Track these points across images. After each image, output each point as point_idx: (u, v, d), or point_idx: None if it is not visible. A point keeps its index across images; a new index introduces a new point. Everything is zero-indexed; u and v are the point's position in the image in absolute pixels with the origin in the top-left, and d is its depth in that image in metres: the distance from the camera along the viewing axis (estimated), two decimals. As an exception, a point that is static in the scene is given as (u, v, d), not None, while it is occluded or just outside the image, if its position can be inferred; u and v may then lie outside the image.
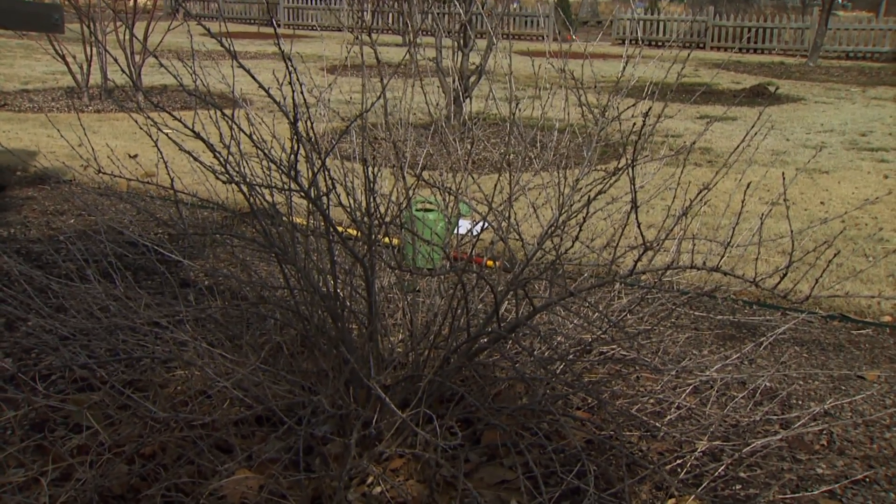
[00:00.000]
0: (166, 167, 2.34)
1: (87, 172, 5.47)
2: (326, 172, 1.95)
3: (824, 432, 2.64)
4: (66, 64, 9.04)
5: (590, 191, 2.21)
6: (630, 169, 1.75)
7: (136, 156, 6.02)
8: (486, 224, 2.47)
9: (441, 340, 2.45)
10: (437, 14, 7.86)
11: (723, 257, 1.92)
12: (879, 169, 6.94)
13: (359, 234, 2.31)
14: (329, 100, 2.54)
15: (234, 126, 2.07)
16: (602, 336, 2.50)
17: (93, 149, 2.76)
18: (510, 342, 2.59)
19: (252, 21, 27.27)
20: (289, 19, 27.38)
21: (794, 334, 3.48)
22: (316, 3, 27.36)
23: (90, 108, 9.00)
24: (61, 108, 9.02)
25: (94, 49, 9.22)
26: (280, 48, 1.78)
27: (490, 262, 3.61)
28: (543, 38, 22.49)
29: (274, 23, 2.18)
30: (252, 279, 2.64)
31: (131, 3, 9.50)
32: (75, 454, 2.17)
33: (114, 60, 2.41)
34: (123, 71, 2.17)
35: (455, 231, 2.83)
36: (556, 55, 2.93)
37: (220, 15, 28.44)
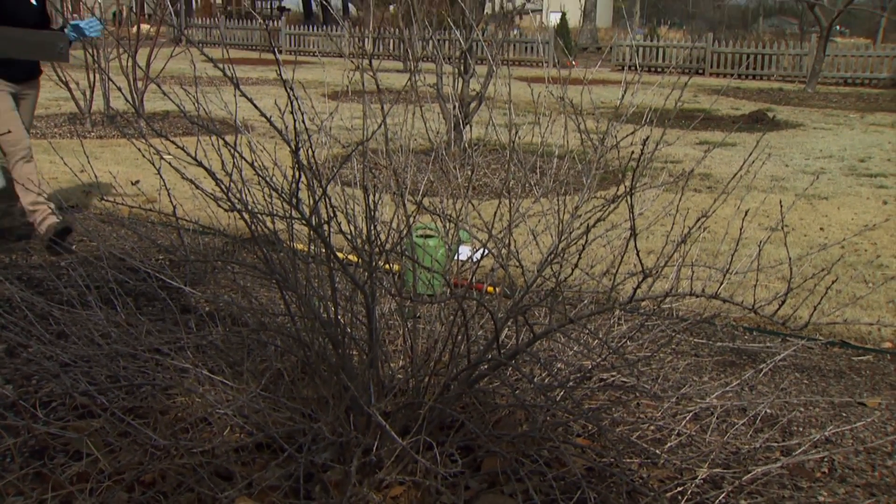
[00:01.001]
0: (168, 194, 2.36)
1: (89, 198, 5.49)
2: (327, 200, 1.97)
3: (825, 459, 2.64)
4: (69, 90, 9.10)
5: (589, 218, 2.22)
6: (629, 197, 1.76)
7: (137, 182, 6.04)
8: (487, 251, 2.48)
9: (441, 367, 2.45)
10: (438, 41, 7.92)
11: (721, 284, 1.93)
12: (878, 195, 6.96)
13: (359, 260, 2.32)
14: (330, 127, 2.56)
15: (236, 154, 2.09)
16: (602, 363, 2.51)
17: (95, 175, 2.77)
18: (510, 369, 2.59)
19: (254, 47, 27.44)
20: (290, 45, 27.56)
21: (794, 360, 3.48)
22: (317, 30, 27.56)
23: (93, 134, 9.05)
24: (64, 133, 9.07)
25: (97, 75, 9.29)
26: (281, 76, 1.80)
27: (490, 289, 3.62)
28: (543, 64, 22.63)
29: (275, 51, 2.21)
30: (253, 306, 2.65)
31: (134, 30, 9.58)
32: (75, 482, 2.17)
33: (117, 88, 2.44)
34: (126, 99, 2.18)
35: (455, 257, 2.84)
36: (555, 81, 2.96)
37: (223, 41, 28.66)
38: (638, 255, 1.70)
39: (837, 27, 43.03)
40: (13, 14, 4.39)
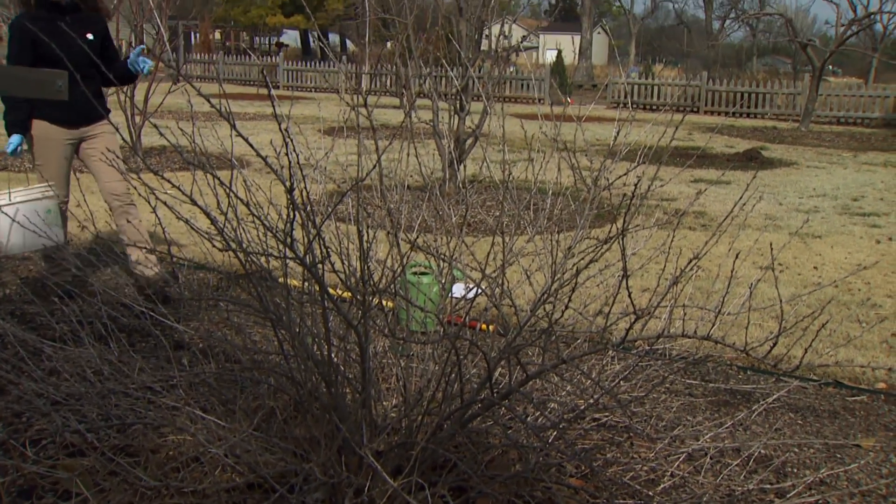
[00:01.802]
0: (163, 232, 2.36)
1: (85, 233, 5.50)
2: (321, 241, 1.98)
3: (820, 502, 2.62)
4: (67, 125, 9.11)
5: (581, 259, 2.23)
6: (621, 238, 1.77)
7: (133, 216, 6.05)
8: (480, 290, 2.49)
9: (434, 406, 2.44)
10: (434, 78, 7.99)
11: (714, 325, 1.94)
12: (871, 234, 7.00)
13: (353, 298, 2.32)
14: (326, 166, 2.58)
15: (231, 193, 2.10)
16: (596, 402, 2.50)
17: (90, 211, 2.78)
18: (503, 408, 2.59)
19: (252, 83, 27.64)
20: (288, 81, 27.77)
21: (788, 400, 3.47)
22: (315, 66, 27.78)
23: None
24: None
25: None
26: (276, 115, 1.81)
27: (484, 326, 3.61)
28: (539, 101, 22.80)
29: (270, 88, 2.23)
30: (246, 343, 2.64)
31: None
32: (64, 521, 2.15)
33: (115, 128, 2.45)
34: (124, 139, 2.19)
35: (449, 295, 2.84)
36: (550, 118, 2.98)
37: (219, 76, 28.85)
38: (630, 296, 1.70)
39: (830, 67, 43.52)
40: (63, 49, 4.03)
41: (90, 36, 4.33)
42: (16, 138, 4.20)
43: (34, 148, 4.27)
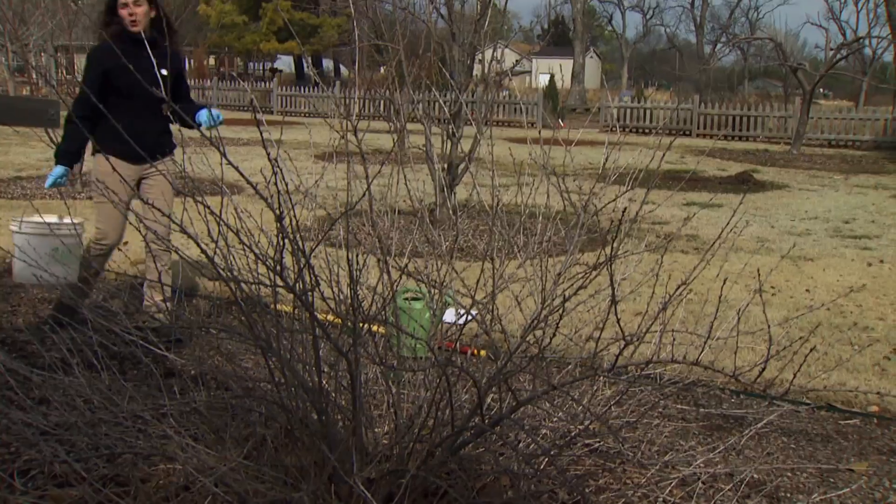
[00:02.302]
0: (154, 260, 2.36)
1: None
2: (311, 269, 1.98)
3: (812, 527, 2.62)
4: (60, 151, 9.14)
5: (572, 284, 2.24)
6: (609, 265, 1.78)
7: (126, 243, 6.05)
8: (471, 317, 2.49)
9: (425, 433, 2.44)
10: (427, 103, 8.03)
11: (702, 350, 1.94)
12: (863, 256, 7.02)
13: (343, 325, 2.32)
14: (315, 194, 2.59)
15: (221, 221, 2.11)
16: (587, 428, 2.50)
17: (81, 240, 2.78)
18: (495, 435, 2.58)
19: (246, 108, 27.71)
20: (281, 106, 27.87)
21: (781, 424, 3.47)
22: (308, 91, 27.90)
23: (82, 195, 9.07)
24: (53, 195, 9.09)
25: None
26: (265, 146, 1.82)
27: (477, 352, 3.61)
28: (532, 125, 22.90)
29: (258, 116, 2.24)
30: (236, 371, 2.64)
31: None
32: (52, 553, 2.13)
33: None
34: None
35: (441, 321, 2.85)
36: (543, 142, 3.00)
37: (213, 103, 28.94)
38: (619, 322, 1.71)
39: (821, 90, 43.85)
40: (136, 83, 3.78)
41: (164, 72, 4.17)
42: (59, 170, 4.09)
43: (94, 186, 4.15)
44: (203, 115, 4.14)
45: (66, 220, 4.17)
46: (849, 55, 25.26)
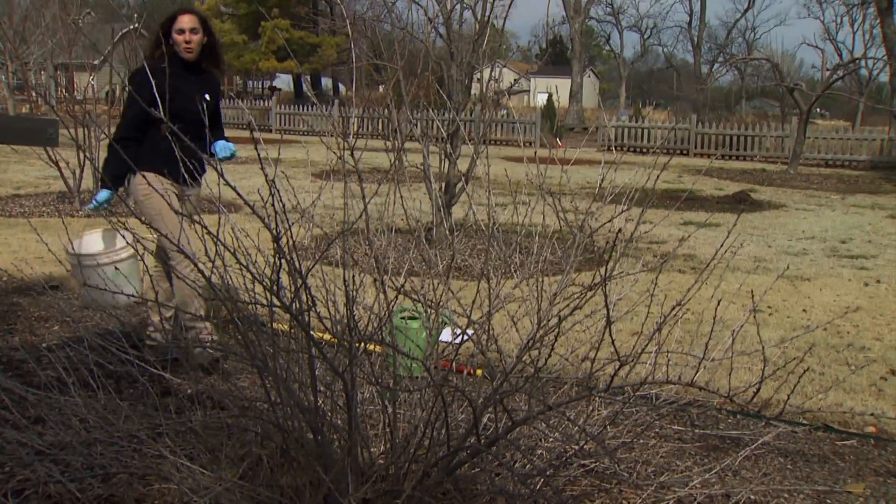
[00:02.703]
0: (151, 279, 2.37)
1: (74, 279, 5.48)
2: (307, 289, 1.99)
3: (809, 548, 2.61)
4: (59, 169, 9.17)
5: (567, 304, 2.24)
6: (604, 286, 1.78)
7: (123, 261, 6.06)
8: (467, 337, 2.49)
9: (422, 453, 2.43)
10: (426, 122, 8.06)
11: (697, 371, 1.94)
12: (859, 276, 7.03)
13: (340, 345, 2.33)
14: (313, 214, 2.60)
15: (218, 241, 2.11)
16: (583, 448, 2.50)
17: (80, 261, 2.78)
18: (490, 455, 2.58)
19: (245, 126, 27.78)
20: (280, 125, 27.96)
21: (778, 445, 3.46)
22: (306, 109, 28.01)
23: (80, 213, 9.08)
24: (52, 212, 9.10)
25: (88, 154, 9.37)
26: (262, 167, 1.83)
27: (472, 371, 3.61)
28: (530, 144, 22.98)
29: (255, 136, 2.25)
30: (232, 390, 2.64)
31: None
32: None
33: (93, 172, 2.47)
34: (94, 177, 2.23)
35: (438, 340, 2.85)
36: (540, 162, 3.01)
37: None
38: (613, 343, 1.71)
39: (818, 110, 44.06)
40: (182, 107, 3.77)
41: (207, 97, 4.23)
42: (105, 194, 4.00)
43: (145, 205, 3.98)
44: (218, 146, 4.17)
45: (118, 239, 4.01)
46: (845, 76, 25.37)
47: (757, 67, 47.53)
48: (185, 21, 4.11)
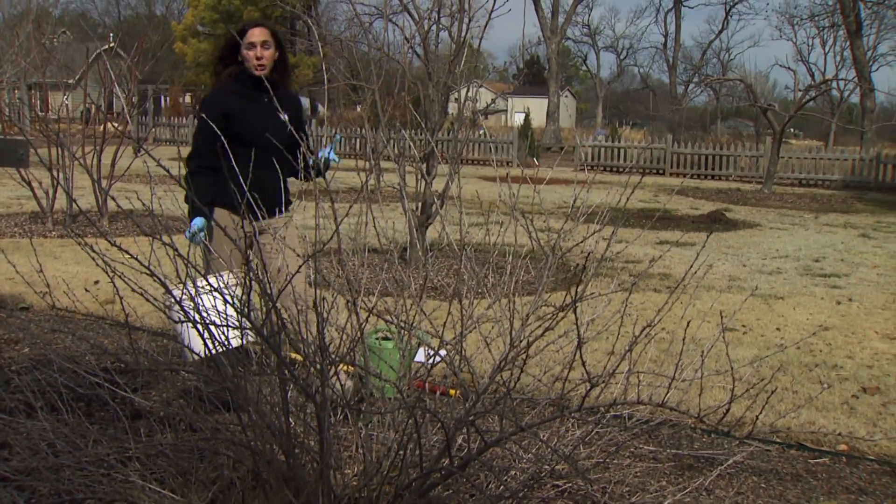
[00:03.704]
0: (121, 302, 2.35)
1: (46, 300, 5.43)
2: (277, 313, 1.98)
3: (782, 568, 2.61)
4: (32, 189, 9.09)
5: (539, 325, 2.24)
6: (574, 308, 1.79)
7: (97, 282, 6.00)
8: (440, 358, 2.49)
9: (394, 475, 2.42)
10: (402, 142, 8.07)
11: (668, 391, 1.95)
12: (832, 295, 7.10)
13: (311, 367, 2.31)
14: (284, 234, 2.59)
15: (188, 263, 2.10)
16: (556, 469, 2.49)
17: (47, 283, 2.76)
18: (464, 477, 2.57)
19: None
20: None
21: (752, 464, 3.47)
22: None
23: (53, 233, 9.01)
24: (24, 233, 9.01)
25: (61, 174, 9.30)
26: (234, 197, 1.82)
27: (449, 392, 3.60)
28: (508, 164, 23.06)
29: (219, 151, 2.25)
30: (198, 413, 2.61)
31: (101, 128, 9.67)
32: None
33: (67, 191, 2.45)
34: (77, 208, 2.17)
35: (410, 361, 2.84)
36: (515, 181, 3.02)
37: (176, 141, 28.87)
38: (584, 364, 1.72)
39: (792, 130, 44.57)
40: (257, 130, 3.59)
41: (285, 117, 3.74)
42: (199, 222, 3.56)
43: (215, 244, 3.58)
44: (330, 158, 3.79)
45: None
46: (817, 96, 25.72)
47: (732, 88, 48.06)
48: (256, 34, 3.79)
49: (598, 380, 1.91)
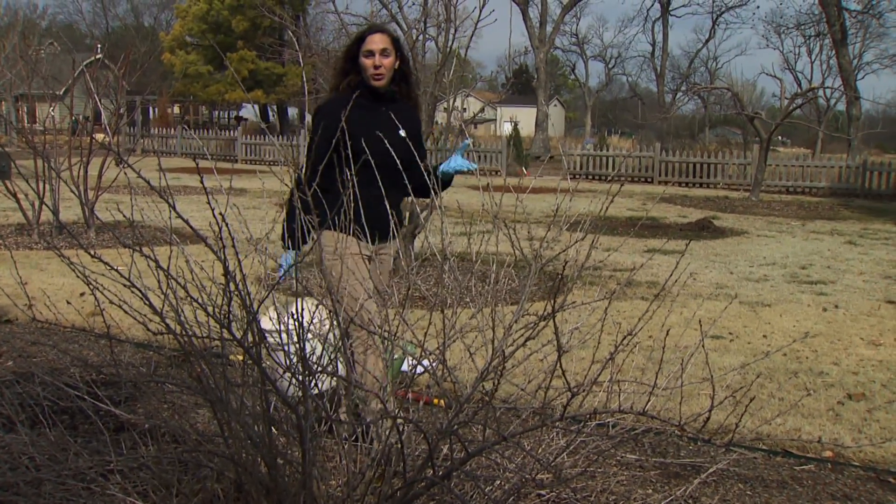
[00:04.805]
0: (102, 315, 2.34)
1: (31, 312, 5.40)
2: (257, 324, 1.97)
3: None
4: (17, 201, 9.05)
5: (522, 334, 2.24)
6: (553, 318, 1.79)
7: (83, 294, 5.98)
8: (423, 369, 2.48)
9: (378, 485, 2.42)
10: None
11: (649, 400, 1.95)
12: (818, 302, 7.13)
13: (293, 378, 2.31)
14: (266, 247, 2.59)
15: (169, 276, 2.10)
16: (538, 478, 2.49)
17: (28, 296, 2.75)
18: (446, 487, 2.56)
19: (209, 157, 27.70)
20: (246, 155, 27.89)
21: (738, 471, 3.48)
22: (269, 139, 27.99)
23: (39, 245, 8.97)
24: (9, 245, 8.97)
25: (47, 186, 9.26)
26: (211, 206, 1.82)
27: (429, 400, 3.59)
28: (496, 172, 23.10)
29: (198, 164, 2.25)
30: (182, 425, 2.60)
31: (87, 140, 9.64)
32: None
33: (50, 207, 2.45)
34: (58, 222, 2.17)
35: (393, 371, 2.84)
36: (505, 190, 3.02)
37: (156, 153, 28.87)
38: (564, 374, 1.72)
39: (779, 138, 44.81)
40: (372, 146, 3.28)
41: (402, 133, 3.50)
42: (290, 257, 3.37)
43: (326, 270, 3.16)
44: (458, 162, 3.56)
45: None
46: (804, 104, 25.88)
47: (719, 96, 48.36)
48: (376, 41, 3.47)
49: (578, 389, 1.91)
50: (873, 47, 60.35)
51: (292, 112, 47.99)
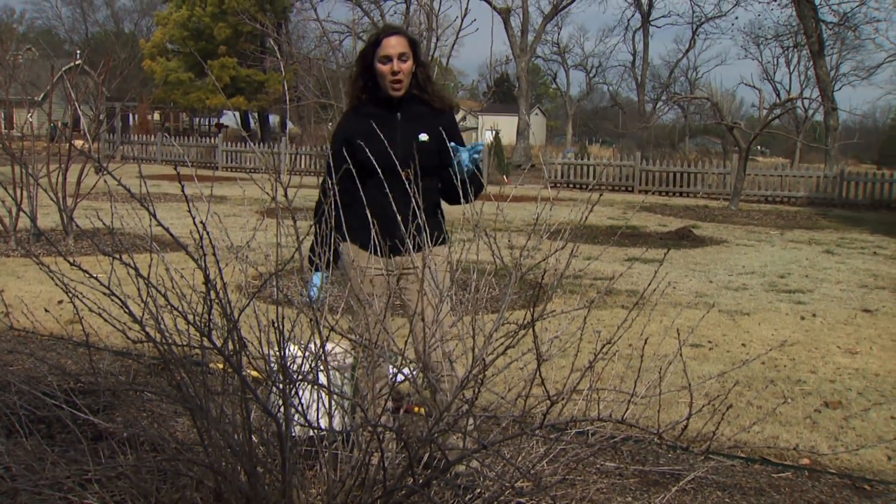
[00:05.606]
0: (81, 323, 2.33)
1: (8, 321, 5.36)
2: (238, 333, 1.97)
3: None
4: (-6, 208, 8.98)
5: (502, 343, 2.25)
6: (533, 326, 1.80)
7: (61, 302, 5.94)
8: (405, 377, 2.49)
9: (358, 493, 2.41)
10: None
11: (627, 408, 1.96)
12: (797, 310, 7.19)
13: (272, 387, 2.31)
14: (247, 254, 2.58)
15: (149, 284, 2.09)
16: (516, 486, 2.50)
17: (4, 303, 2.73)
18: (426, 496, 2.56)
19: (190, 164, 27.62)
20: (227, 162, 27.79)
21: (716, 479, 3.50)
22: (250, 146, 27.92)
23: (16, 252, 8.89)
24: (-12, 252, 8.90)
25: (25, 192, 9.19)
26: (192, 214, 1.82)
27: (410, 408, 3.60)
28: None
29: (178, 171, 2.24)
30: (161, 434, 2.59)
31: (66, 146, 9.58)
32: None
33: (27, 213, 2.43)
34: (36, 229, 2.15)
35: (376, 379, 2.83)
36: (485, 198, 3.03)
37: (136, 159, 28.75)
38: (543, 383, 1.73)
39: (758, 147, 45.17)
40: (384, 154, 3.09)
41: (424, 136, 3.32)
42: (317, 279, 3.23)
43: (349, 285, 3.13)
44: (465, 159, 3.28)
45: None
46: (782, 114, 26.12)
47: (699, 106, 48.69)
48: (393, 45, 3.24)
49: (558, 397, 1.92)
50: (850, 59, 61.06)
51: (274, 119, 47.92)
